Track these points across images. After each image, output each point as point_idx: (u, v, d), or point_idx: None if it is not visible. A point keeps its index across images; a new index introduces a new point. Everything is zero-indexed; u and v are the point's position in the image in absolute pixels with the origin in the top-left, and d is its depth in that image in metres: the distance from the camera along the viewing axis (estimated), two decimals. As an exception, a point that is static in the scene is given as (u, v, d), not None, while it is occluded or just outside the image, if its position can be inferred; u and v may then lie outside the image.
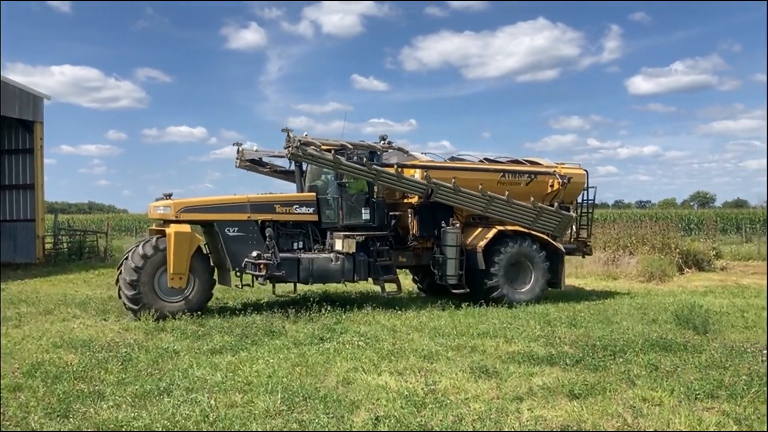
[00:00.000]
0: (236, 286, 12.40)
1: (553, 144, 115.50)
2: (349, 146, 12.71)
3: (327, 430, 5.41)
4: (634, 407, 5.96)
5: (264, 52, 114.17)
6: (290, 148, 11.97)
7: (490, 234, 13.03)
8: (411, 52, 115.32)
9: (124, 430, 5.46)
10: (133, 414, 5.80)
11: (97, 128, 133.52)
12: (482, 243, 12.88)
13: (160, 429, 5.44)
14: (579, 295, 13.80)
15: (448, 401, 6.13)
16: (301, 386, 6.66)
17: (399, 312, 11.62)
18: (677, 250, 21.24)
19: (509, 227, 13.36)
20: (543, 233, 13.60)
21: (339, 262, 12.13)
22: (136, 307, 11.13)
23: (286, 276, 11.97)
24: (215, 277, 12.10)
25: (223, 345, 8.81)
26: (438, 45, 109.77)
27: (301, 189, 13.16)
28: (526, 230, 13.43)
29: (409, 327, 10.25)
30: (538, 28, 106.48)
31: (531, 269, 13.33)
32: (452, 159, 14.26)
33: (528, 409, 5.94)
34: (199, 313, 11.28)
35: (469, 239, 13.10)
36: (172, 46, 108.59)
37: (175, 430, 5.46)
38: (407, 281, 15.31)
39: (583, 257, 15.79)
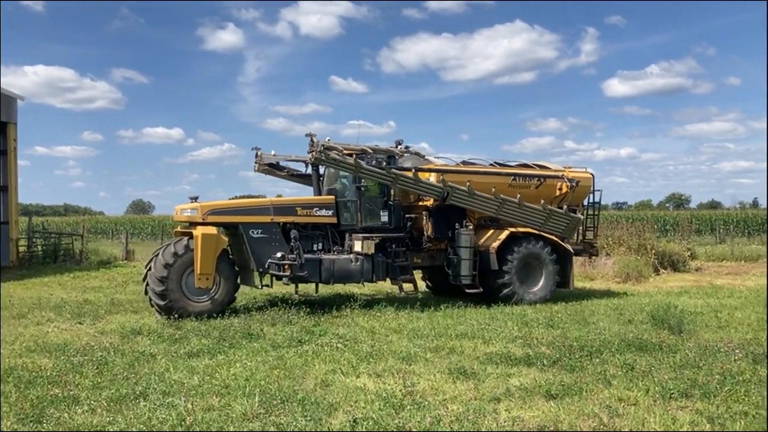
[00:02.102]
0: (265, 285, 12.77)
1: (530, 146, 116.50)
2: (369, 150, 13.12)
3: (305, 432, 5.39)
4: (610, 407, 6.01)
5: (241, 53, 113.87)
6: (314, 153, 12.29)
7: (503, 235, 13.42)
8: (389, 53, 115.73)
9: (98, 435, 5.40)
10: (108, 418, 5.74)
11: (72, 129, 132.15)
12: (495, 244, 13.27)
13: (136, 433, 5.39)
14: (556, 296, 13.92)
15: (426, 403, 6.15)
16: (279, 389, 6.63)
17: (378, 314, 11.62)
18: (653, 251, 21.51)
19: (520, 229, 13.75)
20: (552, 235, 14.00)
21: (359, 263, 12.47)
22: (162, 303, 11.42)
23: (309, 276, 12.30)
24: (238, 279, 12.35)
25: (200, 348, 8.75)
26: (416, 47, 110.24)
27: (318, 192, 13.58)
28: (536, 232, 13.83)
29: (388, 329, 10.26)
30: (515, 30, 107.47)
31: (541, 270, 13.77)
32: (464, 163, 14.58)
33: (505, 410, 5.98)
34: (176, 316, 11.20)
35: (482, 240, 13.52)
36: (149, 46, 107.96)
37: (151, 434, 5.41)
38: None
39: (590, 258, 16.29)
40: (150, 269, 11.79)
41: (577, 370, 7.41)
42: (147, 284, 11.86)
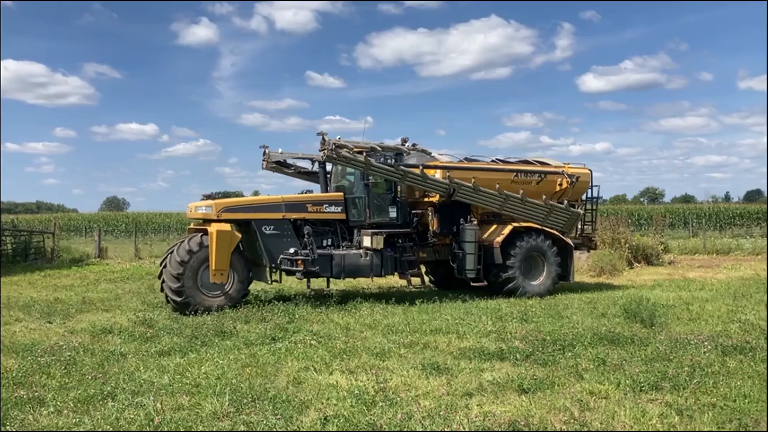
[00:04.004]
0: (274, 281, 13.23)
1: (506, 141, 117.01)
2: (379, 148, 13.40)
3: (275, 431, 5.33)
4: (581, 401, 6.04)
5: (216, 48, 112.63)
6: (325, 151, 12.49)
7: (506, 230, 13.76)
8: (365, 48, 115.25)
9: (64, 436, 5.29)
10: (74, 420, 5.63)
11: (44, 125, 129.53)
12: (499, 239, 13.60)
13: (103, 434, 5.29)
14: (531, 290, 14.00)
15: (398, 399, 6.12)
16: (251, 387, 6.56)
17: (353, 310, 11.60)
18: (627, 245, 21.76)
19: (522, 224, 14.06)
20: (553, 229, 14.33)
21: (368, 258, 12.84)
22: (178, 299, 11.64)
23: (321, 271, 12.66)
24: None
25: (171, 347, 8.64)
26: (392, 42, 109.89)
27: (325, 189, 14.00)
28: (538, 226, 14.17)
29: (362, 325, 10.23)
30: (491, 25, 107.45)
31: (543, 263, 14.14)
32: (467, 159, 14.84)
33: (477, 405, 5.97)
34: (148, 315, 11.06)
35: (486, 235, 13.85)
36: (121, 41, 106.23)
37: (118, 435, 5.31)
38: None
39: (589, 251, 16.61)
40: (165, 266, 12.00)
41: (549, 364, 7.44)
42: (163, 281, 12.07)
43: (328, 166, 14.06)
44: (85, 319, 11.13)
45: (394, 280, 15.72)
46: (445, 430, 5.23)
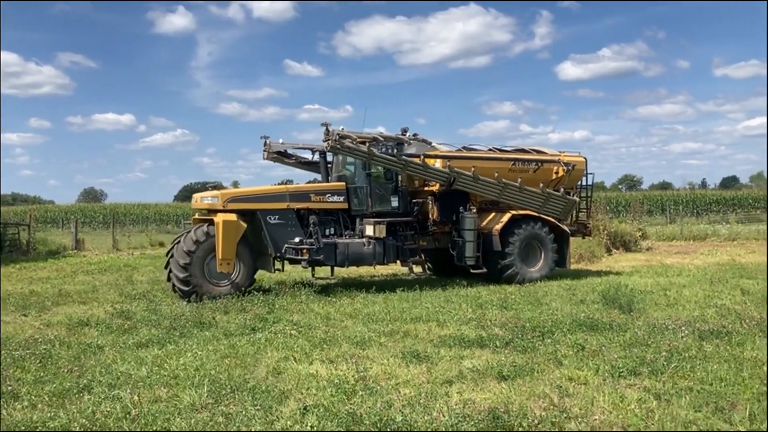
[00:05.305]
0: (277, 269, 13.44)
1: (486, 130, 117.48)
2: (381, 138, 13.52)
3: (253, 422, 5.29)
4: (561, 387, 6.07)
5: (193, 36, 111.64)
6: (329, 141, 12.58)
7: (505, 218, 14.01)
8: (344, 37, 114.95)
9: (38, 431, 5.20)
10: (49, 414, 5.52)
11: (18, 116, 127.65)
12: (498, 226, 13.85)
13: (78, 428, 5.20)
14: (511, 277, 14.07)
15: (378, 387, 6.10)
16: (230, 378, 6.50)
17: (334, 299, 11.57)
18: (605, 232, 21.94)
19: (520, 212, 14.32)
20: (550, 217, 14.57)
21: (371, 247, 13.03)
22: (186, 289, 11.87)
23: (325, 260, 12.84)
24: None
25: (149, 338, 8.53)
26: (371, 30, 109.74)
27: (326, 179, 14.22)
28: (535, 214, 14.44)
29: (343, 314, 10.20)
30: (470, 13, 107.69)
31: (540, 250, 14.44)
32: (465, 149, 15.04)
33: (457, 393, 5.97)
34: (126, 307, 10.93)
35: (485, 223, 14.09)
36: (96, 30, 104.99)
37: (95, 428, 5.23)
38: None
39: (584, 238, 16.84)
40: (172, 256, 12.19)
41: (529, 351, 7.47)
42: (170, 271, 12.28)
43: (329, 156, 14.28)
44: (62, 312, 10.97)
45: (396, 268, 16.07)
46: (425, 418, 5.22)
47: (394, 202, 13.62)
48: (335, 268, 13.79)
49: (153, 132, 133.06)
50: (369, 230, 13.07)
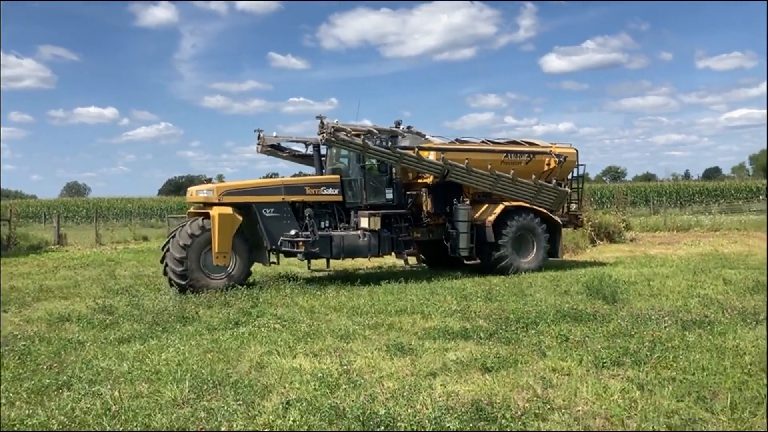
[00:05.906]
0: (272, 262, 13.45)
1: (471, 122, 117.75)
2: (375, 131, 13.56)
3: (235, 417, 5.23)
4: (544, 378, 6.06)
5: (176, 29, 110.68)
6: (324, 134, 12.62)
7: (498, 209, 14.14)
8: (328, 29, 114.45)
9: (16, 429, 5.12)
10: (27, 411, 5.44)
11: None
12: (491, 218, 13.98)
13: (57, 425, 5.12)
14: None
15: (362, 381, 6.07)
16: (212, 373, 6.44)
17: (318, 292, 11.51)
18: (590, 223, 22.01)
19: (513, 203, 14.45)
20: (542, 208, 14.69)
21: (366, 239, 13.13)
22: (183, 282, 11.87)
23: (321, 252, 12.89)
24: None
25: (131, 333, 8.45)
26: (355, 22, 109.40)
27: (320, 172, 14.25)
28: (528, 205, 14.59)
29: (327, 307, 10.15)
30: (455, 5, 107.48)
31: (533, 241, 14.59)
32: (458, 141, 15.16)
33: (441, 385, 5.95)
34: (108, 302, 10.81)
35: (478, 214, 14.19)
36: (78, 22, 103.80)
37: (74, 425, 5.15)
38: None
39: (575, 229, 17.03)
40: (168, 250, 12.19)
41: (512, 342, 7.47)
42: (166, 265, 12.25)
43: (323, 149, 14.28)
44: (42, 308, 10.83)
45: (390, 259, 16.23)
46: (408, 411, 5.19)
47: (389, 195, 13.72)
48: (331, 261, 13.77)
49: (136, 125, 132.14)
50: (364, 222, 13.14)
